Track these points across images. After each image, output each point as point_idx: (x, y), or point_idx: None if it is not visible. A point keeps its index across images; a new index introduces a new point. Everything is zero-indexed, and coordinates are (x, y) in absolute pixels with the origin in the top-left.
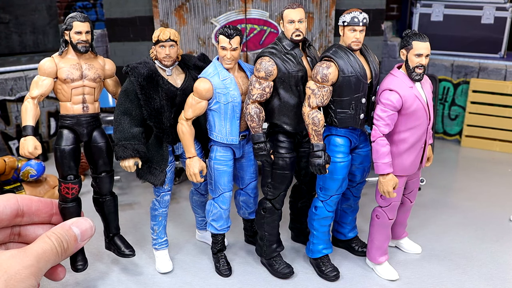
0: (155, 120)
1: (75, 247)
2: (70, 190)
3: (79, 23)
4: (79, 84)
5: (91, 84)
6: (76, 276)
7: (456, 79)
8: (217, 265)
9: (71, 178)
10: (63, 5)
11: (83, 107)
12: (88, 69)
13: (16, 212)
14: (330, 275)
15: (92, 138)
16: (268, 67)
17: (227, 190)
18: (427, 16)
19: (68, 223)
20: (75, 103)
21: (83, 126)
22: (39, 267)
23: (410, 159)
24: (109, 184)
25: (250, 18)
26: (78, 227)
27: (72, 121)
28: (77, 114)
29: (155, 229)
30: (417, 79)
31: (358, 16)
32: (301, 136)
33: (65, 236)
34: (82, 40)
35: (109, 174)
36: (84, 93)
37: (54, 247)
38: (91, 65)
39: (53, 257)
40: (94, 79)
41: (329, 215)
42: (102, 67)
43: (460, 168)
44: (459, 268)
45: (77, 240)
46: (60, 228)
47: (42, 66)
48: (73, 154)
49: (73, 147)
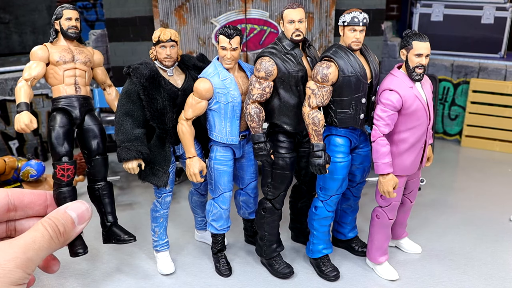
0: (157, 121)
1: (73, 231)
2: (66, 171)
3: (69, 10)
4: (71, 66)
5: (82, 67)
6: (76, 276)
7: (456, 79)
8: (217, 265)
9: (66, 159)
10: None
11: (76, 88)
12: (79, 53)
13: (7, 207)
14: (330, 275)
15: (85, 120)
16: (268, 67)
17: (227, 190)
18: (427, 16)
19: (63, 207)
20: (68, 85)
21: (76, 106)
22: (27, 257)
23: (410, 159)
24: (103, 168)
25: (250, 18)
26: (74, 210)
27: (66, 102)
28: (70, 94)
29: (156, 231)
30: (417, 79)
31: (358, 16)
32: (301, 136)
33: (61, 220)
34: (73, 26)
35: (103, 157)
36: (75, 75)
37: (46, 233)
38: (81, 50)
39: (46, 243)
40: (85, 62)
41: (329, 215)
42: (91, 54)
43: (460, 168)
44: (459, 268)
45: (74, 223)
46: (55, 213)
47: (34, 52)
48: (67, 135)
49: (67, 128)
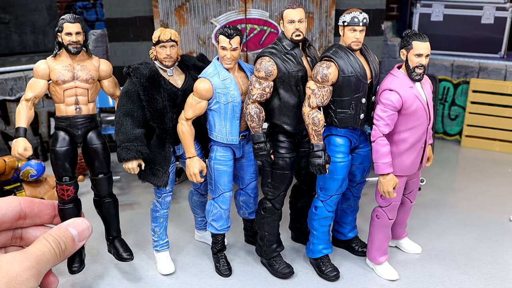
0: (158, 121)
1: (73, 248)
2: (66, 191)
3: (69, 24)
4: (71, 86)
5: (84, 85)
6: (76, 276)
7: (456, 79)
8: (217, 265)
9: (66, 180)
10: (63, 5)
11: (76, 108)
12: (81, 70)
13: (18, 215)
14: (330, 275)
15: (88, 139)
16: (268, 67)
17: (227, 190)
18: (427, 16)
19: (65, 224)
20: (68, 105)
21: (76, 127)
22: (39, 268)
23: (410, 159)
24: (107, 186)
25: (250, 18)
26: (75, 227)
27: (66, 123)
28: (70, 115)
29: (156, 231)
30: (417, 79)
31: (358, 16)
32: (301, 136)
33: (62, 237)
34: (73, 41)
35: (106, 176)
36: (76, 94)
37: (52, 248)
38: (83, 66)
39: (52, 258)
40: (87, 80)
41: (329, 215)
42: (96, 68)
43: (460, 168)
44: (459, 268)
45: (74, 240)
46: (57, 229)
47: (36, 69)
48: (67, 155)
49: (67, 148)
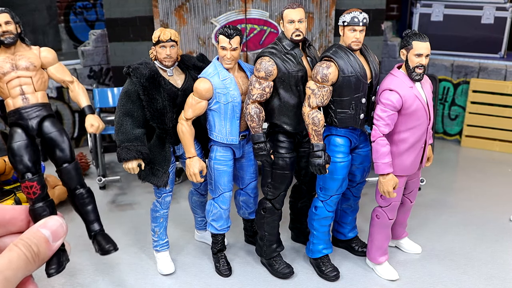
0: (157, 121)
1: (48, 249)
2: (30, 189)
3: None
4: (13, 76)
5: (25, 74)
6: (76, 276)
7: (456, 79)
8: (217, 265)
9: (28, 176)
10: (63, 5)
11: (23, 98)
12: (20, 60)
13: None
14: (330, 275)
15: (43, 129)
16: (268, 67)
17: (227, 190)
18: (427, 16)
19: (36, 226)
20: (14, 97)
21: (27, 119)
22: (4, 277)
23: (410, 159)
24: (75, 176)
25: (250, 18)
26: (47, 227)
27: (16, 116)
28: (18, 107)
29: (156, 231)
30: (417, 79)
31: (358, 16)
32: (301, 136)
33: (34, 240)
34: (3, 31)
35: (71, 164)
36: (20, 84)
37: (22, 253)
38: (22, 55)
39: (23, 264)
40: (27, 67)
41: (329, 215)
42: (36, 55)
43: (460, 168)
44: (459, 268)
45: (48, 241)
46: (28, 232)
47: None
48: (24, 149)
49: (23, 142)
